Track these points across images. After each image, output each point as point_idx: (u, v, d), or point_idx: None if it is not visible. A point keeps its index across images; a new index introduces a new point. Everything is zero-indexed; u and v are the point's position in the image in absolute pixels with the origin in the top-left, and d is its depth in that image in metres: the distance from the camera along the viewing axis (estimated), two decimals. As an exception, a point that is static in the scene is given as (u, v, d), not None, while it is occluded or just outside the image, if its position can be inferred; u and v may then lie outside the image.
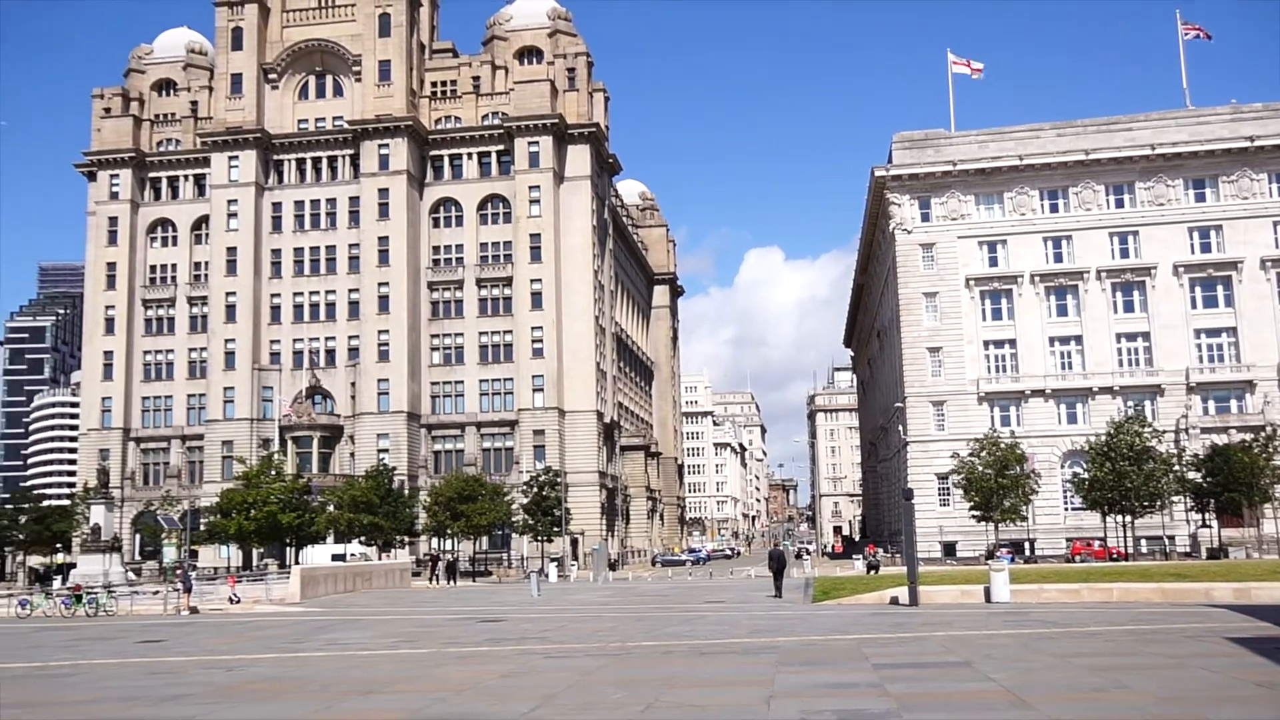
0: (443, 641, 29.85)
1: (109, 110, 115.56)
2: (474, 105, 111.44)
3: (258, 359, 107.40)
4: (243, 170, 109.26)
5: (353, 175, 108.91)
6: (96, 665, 26.30)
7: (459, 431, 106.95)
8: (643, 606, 43.90)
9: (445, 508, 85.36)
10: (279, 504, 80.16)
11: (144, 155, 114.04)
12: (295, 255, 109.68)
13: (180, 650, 29.71)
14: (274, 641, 31.50)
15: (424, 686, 20.28)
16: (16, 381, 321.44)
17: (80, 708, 18.76)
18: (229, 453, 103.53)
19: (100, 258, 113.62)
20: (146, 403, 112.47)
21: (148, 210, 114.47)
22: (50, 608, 48.98)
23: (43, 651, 30.46)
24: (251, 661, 26.20)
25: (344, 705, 18.27)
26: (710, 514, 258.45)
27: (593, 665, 22.76)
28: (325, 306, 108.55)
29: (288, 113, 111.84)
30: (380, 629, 35.42)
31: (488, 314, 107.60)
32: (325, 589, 57.10)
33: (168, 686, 21.30)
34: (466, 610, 44.29)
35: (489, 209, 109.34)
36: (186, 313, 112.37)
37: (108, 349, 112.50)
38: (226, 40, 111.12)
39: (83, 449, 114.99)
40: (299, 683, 21.57)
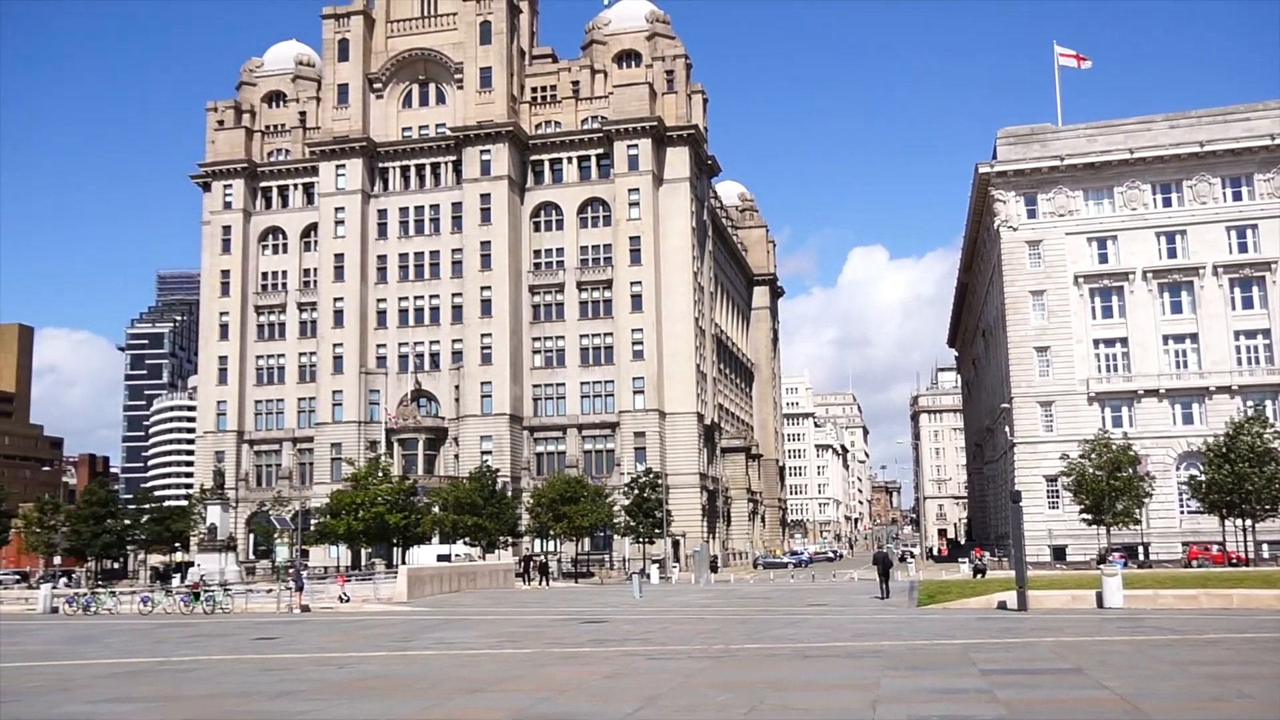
0: (546, 642, 30.14)
1: (222, 123, 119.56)
2: (573, 109, 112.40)
3: (365, 363, 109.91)
4: (349, 178, 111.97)
5: (455, 181, 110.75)
6: (215, 661, 27.20)
7: (560, 433, 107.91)
8: (745, 609, 43.72)
9: (548, 509, 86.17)
10: (386, 505, 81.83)
11: (255, 165, 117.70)
12: (400, 261, 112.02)
13: (293, 647, 30.54)
14: (383, 640, 32.18)
15: (529, 686, 20.50)
16: (137, 386, 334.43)
17: (202, 702, 19.41)
18: (338, 455, 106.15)
19: (215, 266, 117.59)
20: (259, 406, 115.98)
21: (259, 219, 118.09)
22: (170, 605, 50.84)
23: (165, 647, 31.63)
24: (361, 659, 26.81)
25: (451, 703, 18.57)
26: (812, 516, 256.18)
27: (696, 667, 22.74)
28: (429, 311, 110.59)
29: (392, 121, 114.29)
30: (485, 629, 35.92)
31: (588, 317, 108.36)
32: (431, 589, 58.13)
33: (282, 683, 21.93)
34: (569, 611, 44.65)
35: (589, 212, 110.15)
36: (296, 318, 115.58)
37: (222, 354, 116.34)
38: (333, 52, 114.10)
39: (199, 451, 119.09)
40: (408, 681, 22.00)
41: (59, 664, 27.53)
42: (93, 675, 24.41)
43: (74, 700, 20.03)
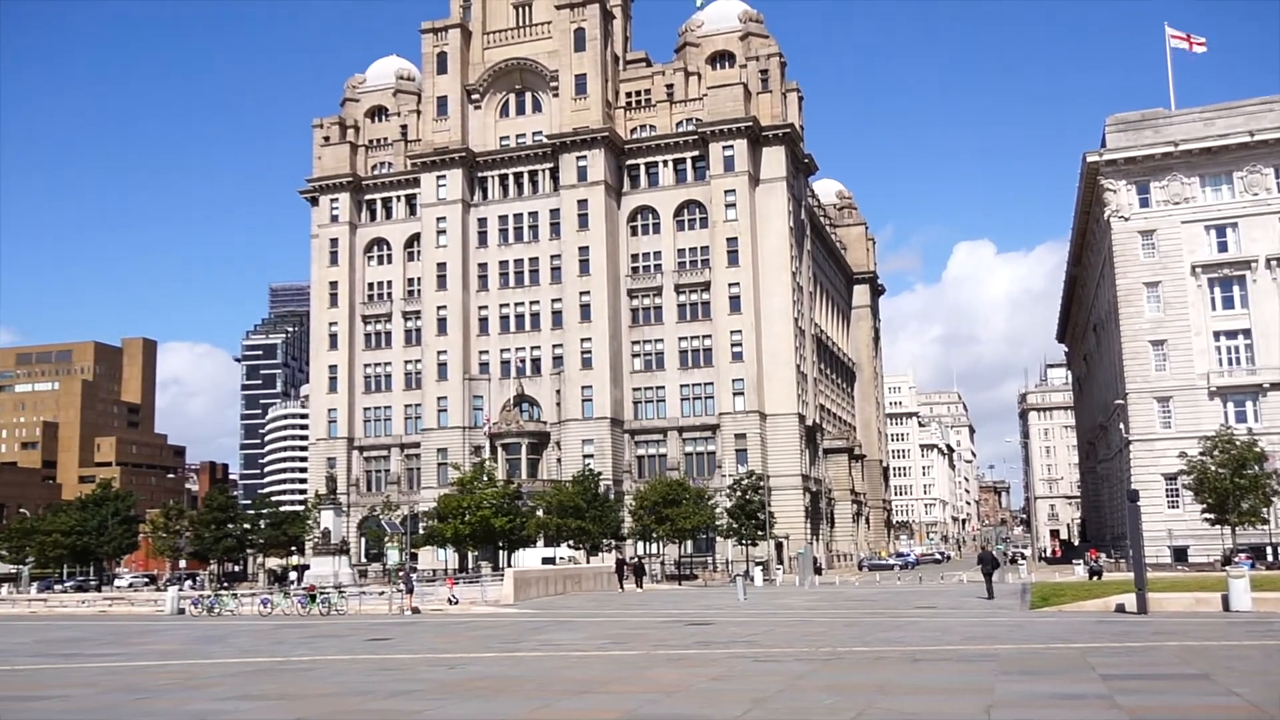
0: (652, 644, 30.24)
1: (328, 139, 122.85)
2: (668, 112, 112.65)
3: (468, 369, 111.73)
4: (450, 188, 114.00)
5: (553, 188, 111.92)
6: (331, 660, 27.96)
7: (661, 436, 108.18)
8: (851, 611, 43.24)
9: (650, 512, 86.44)
10: (491, 509, 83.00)
11: (360, 179, 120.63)
12: (500, 268, 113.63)
13: (406, 648, 31.21)
14: (491, 641, 32.67)
15: (636, 687, 20.61)
16: (253, 395, 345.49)
17: (321, 701, 19.97)
18: (443, 460, 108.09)
19: (323, 278, 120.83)
20: (367, 413, 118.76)
21: (364, 231, 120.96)
22: (288, 606, 52.38)
23: (284, 647, 32.61)
24: (471, 660, 27.27)
25: (560, 704, 18.78)
26: (918, 517, 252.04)
27: (803, 670, 22.59)
28: (530, 317, 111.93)
29: (490, 131, 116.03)
30: (591, 630, 36.19)
31: (686, 319, 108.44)
32: (537, 591, 58.79)
33: (396, 682, 22.43)
34: (673, 613, 44.71)
35: (685, 215, 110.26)
36: (401, 327, 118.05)
37: (332, 363, 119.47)
38: (432, 65, 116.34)
39: (312, 458, 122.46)
40: (516, 681, 22.31)
41: (187, 663, 28.59)
42: (218, 674, 25.30)
43: (201, 698, 20.79)
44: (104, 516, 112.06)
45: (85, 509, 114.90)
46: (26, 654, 33.42)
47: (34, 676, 26.31)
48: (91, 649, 34.32)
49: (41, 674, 26.94)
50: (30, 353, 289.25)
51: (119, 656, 31.39)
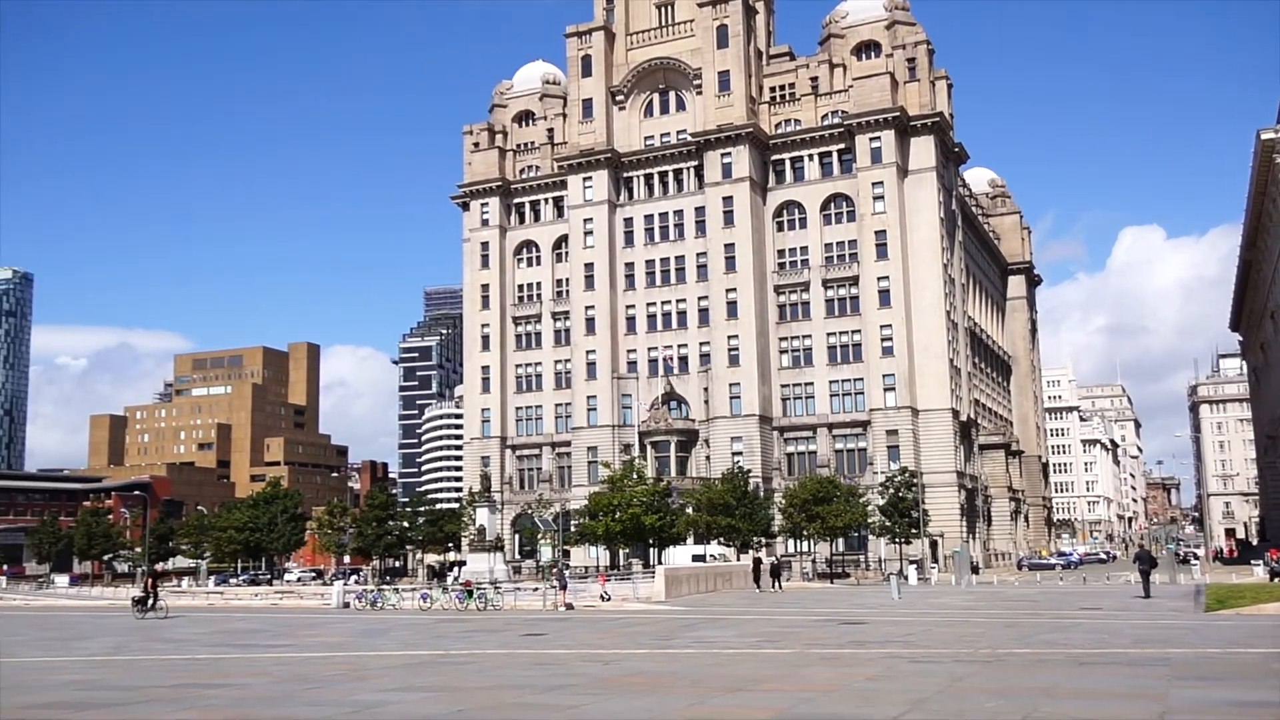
0: (805, 643, 29.98)
1: (477, 145, 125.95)
2: (813, 106, 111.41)
3: (616, 368, 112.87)
4: (596, 190, 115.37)
5: (698, 186, 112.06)
6: (489, 655, 28.64)
7: (810, 433, 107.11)
8: (1011, 612, 41.96)
9: (800, 509, 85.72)
10: (641, 506, 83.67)
11: (509, 183, 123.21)
12: (647, 267, 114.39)
13: (561, 643, 31.73)
14: (644, 638, 32.93)
15: (790, 686, 20.46)
16: (410, 396, 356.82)
17: (481, 693, 20.48)
18: (593, 458, 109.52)
19: (475, 280, 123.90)
20: (519, 412, 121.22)
21: (514, 234, 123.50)
22: (446, 601, 53.92)
23: (444, 641, 33.59)
24: (625, 656, 27.53)
25: (714, 701, 18.79)
26: (1080, 515, 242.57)
27: (962, 671, 22.04)
28: (677, 315, 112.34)
29: (635, 131, 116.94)
30: (742, 628, 36.11)
31: (835, 314, 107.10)
32: (687, 589, 58.98)
33: (552, 677, 22.83)
34: (826, 612, 44.23)
35: (832, 209, 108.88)
36: (551, 327, 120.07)
37: (485, 364, 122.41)
38: (577, 69, 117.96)
39: (467, 456, 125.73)
40: (671, 678, 22.41)
41: (353, 654, 29.72)
42: (382, 666, 26.23)
43: (367, 689, 21.59)
44: (274, 514, 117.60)
45: (256, 507, 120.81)
46: (207, 644, 35.33)
47: (214, 666, 27.78)
48: (265, 640, 36.03)
49: (220, 663, 28.43)
50: (205, 358, 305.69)
51: (290, 648, 32.86)
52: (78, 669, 27.71)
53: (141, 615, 48.60)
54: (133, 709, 19.18)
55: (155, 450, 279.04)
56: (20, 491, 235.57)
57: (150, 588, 51.08)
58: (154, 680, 24.22)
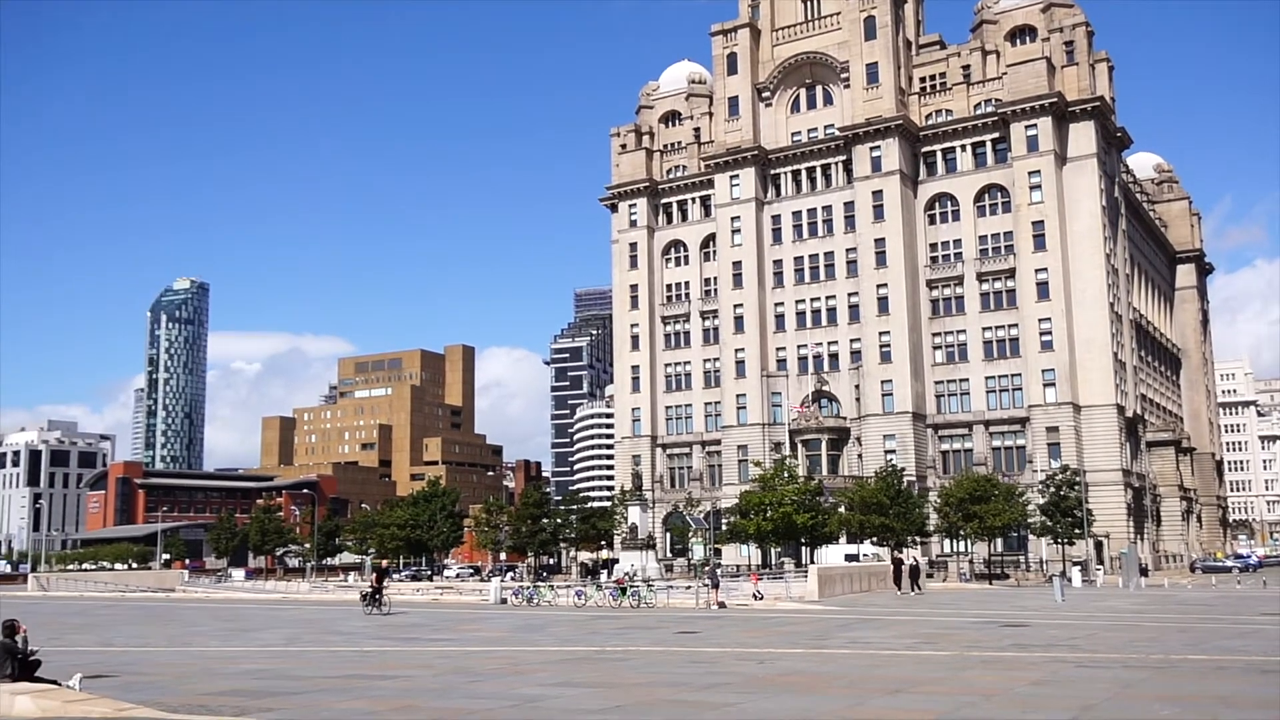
0: (965, 645, 29.26)
1: (625, 146, 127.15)
2: (965, 95, 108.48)
3: (765, 366, 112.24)
4: (743, 187, 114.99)
5: (846, 181, 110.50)
6: (644, 651, 28.91)
7: (966, 430, 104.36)
8: (1183, 616, 40.05)
9: (956, 508, 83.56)
10: (793, 505, 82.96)
11: (656, 184, 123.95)
12: (795, 264, 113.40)
13: (714, 642, 31.78)
14: (798, 637, 32.70)
15: (950, 689, 20.02)
16: (561, 397, 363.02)
17: (637, 689, 20.72)
18: (743, 456, 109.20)
19: (624, 281, 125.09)
20: (669, 411, 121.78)
21: (661, 234, 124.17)
22: (600, 598, 54.58)
23: (599, 637, 34.06)
24: (780, 655, 27.40)
25: (873, 702, 18.53)
26: (1258, 515, 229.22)
27: (1132, 677, 21.16)
28: (826, 312, 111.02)
29: (781, 127, 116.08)
30: (899, 629, 35.48)
31: (990, 308, 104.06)
32: (841, 588, 58.29)
33: (707, 675, 22.90)
34: (985, 614, 43.06)
35: (986, 200, 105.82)
36: (700, 326, 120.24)
37: (634, 364, 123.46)
38: (722, 66, 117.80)
39: (618, 455, 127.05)
40: (827, 678, 22.20)
41: (511, 649, 30.44)
42: (540, 661, 26.78)
43: (527, 682, 22.08)
44: (433, 512, 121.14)
45: (417, 505, 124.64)
46: (372, 636, 36.71)
47: (380, 658, 28.86)
48: (427, 634, 37.21)
49: (385, 655, 29.51)
50: (366, 361, 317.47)
51: (451, 642, 33.88)
52: (255, 659, 29.20)
53: (370, 611, 48.29)
54: (306, 697, 20.10)
55: (322, 450, 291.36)
56: (200, 490, 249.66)
57: (377, 584, 50.47)
58: (324, 671, 25.34)
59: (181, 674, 25.23)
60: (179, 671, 25.87)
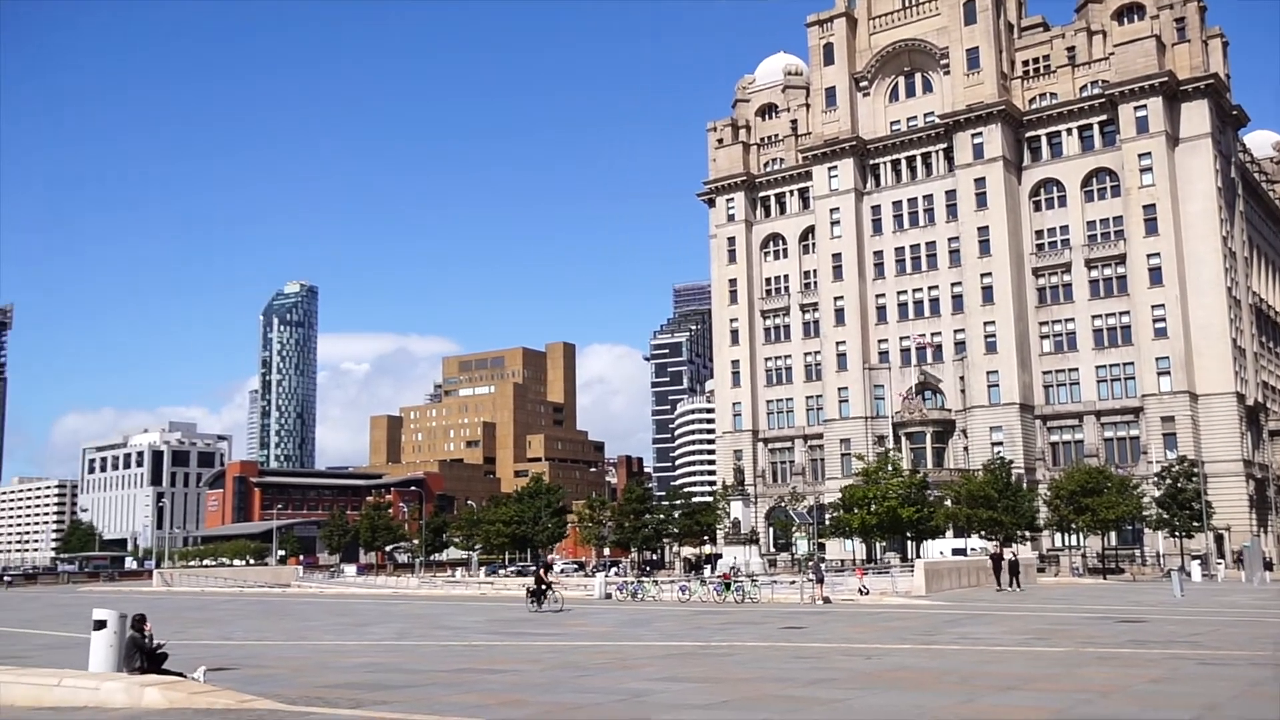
0: (1079, 641, 28.54)
1: (721, 141, 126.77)
2: (1070, 77, 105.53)
3: (867, 359, 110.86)
4: (842, 179, 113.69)
5: (947, 169, 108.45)
6: (749, 647, 28.85)
7: (1076, 421, 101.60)
8: (1315, 613, 38.42)
9: (1067, 501, 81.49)
10: (898, 499, 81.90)
11: (753, 177, 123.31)
12: (896, 255, 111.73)
13: (820, 637, 31.56)
14: (906, 633, 32.27)
15: (1065, 686, 19.56)
16: (662, 392, 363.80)
17: (744, 685, 20.70)
18: (846, 450, 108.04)
19: (722, 276, 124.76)
20: (770, 405, 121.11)
21: (760, 228, 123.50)
22: (704, 593, 54.58)
23: (703, 632, 34.09)
24: (887, 651, 27.09)
25: (985, 699, 18.20)
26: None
27: (1259, 676, 20.40)
28: (929, 302, 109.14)
29: (880, 117, 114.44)
30: (1009, 624, 34.77)
31: (1100, 296, 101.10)
32: (948, 583, 57.34)
33: (813, 670, 22.75)
34: (1100, 609, 41.93)
35: (1094, 184, 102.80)
36: (800, 319, 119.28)
37: (734, 358, 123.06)
38: (819, 57, 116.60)
39: (719, 450, 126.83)
40: (936, 674, 21.87)
41: (617, 644, 30.66)
42: (646, 656, 26.93)
43: (633, 677, 22.22)
44: (537, 508, 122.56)
45: (521, 501, 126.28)
46: (481, 631, 37.37)
47: (489, 652, 29.36)
48: (534, 629, 37.69)
49: (494, 650, 30.00)
50: (469, 360, 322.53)
51: (558, 636, 34.26)
52: (367, 652, 29.96)
53: (536, 608, 46.16)
54: (418, 690, 20.56)
55: (428, 448, 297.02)
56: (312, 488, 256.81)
57: (542, 580, 48.37)
58: (435, 665, 25.87)
59: (298, 667, 26.02)
60: (296, 665, 26.69)
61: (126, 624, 20.81)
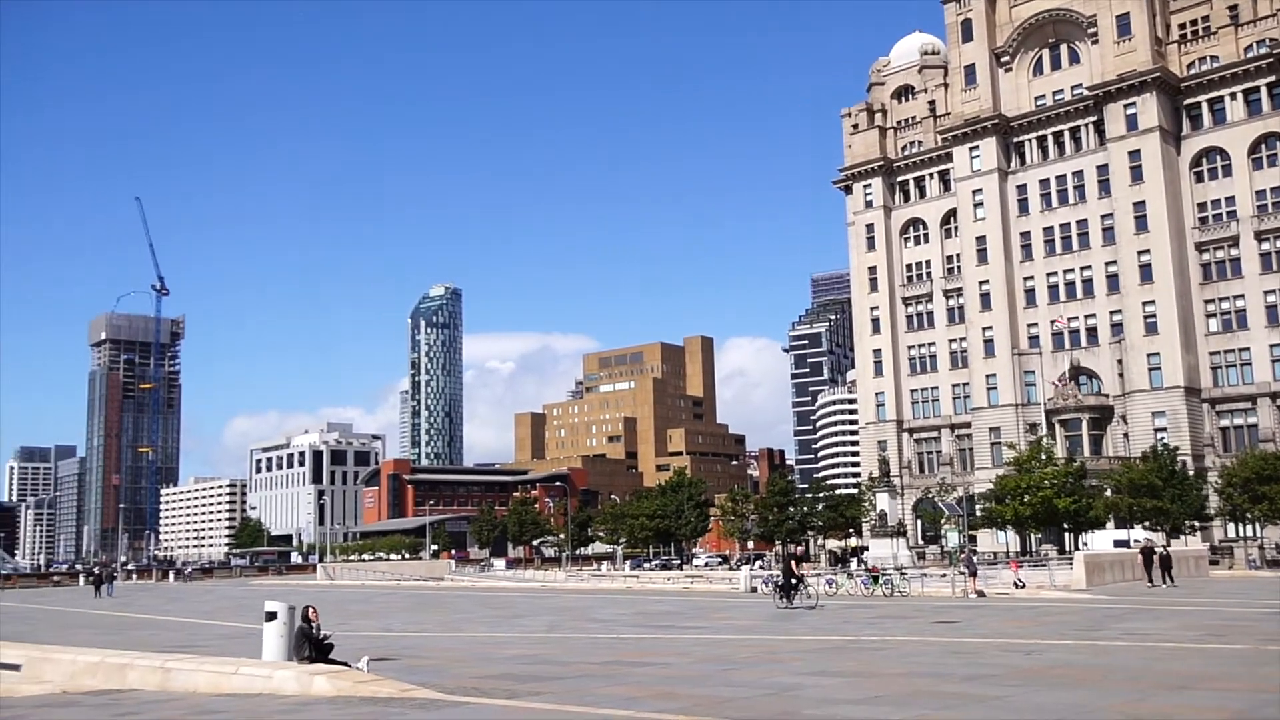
0: (1259, 638, 26.87)
1: (856, 126, 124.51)
2: (1232, 38, 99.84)
3: (1016, 344, 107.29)
4: (984, 159, 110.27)
5: (1098, 143, 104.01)
6: (900, 641, 28.12)
7: (1249, 404, 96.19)
8: None
9: (1241, 489, 77.19)
10: (1053, 489, 78.97)
11: (891, 162, 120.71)
12: (1044, 235, 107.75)
13: (974, 632, 30.57)
14: (1066, 628, 30.98)
15: (1245, 685, 18.39)
16: (802, 384, 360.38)
17: (896, 680, 20.12)
18: (996, 439, 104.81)
19: (861, 264, 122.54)
20: (914, 394, 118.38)
21: (899, 213, 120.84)
22: (852, 587, 53.62)
23: (852, 626, 33.43)
24: (1047, 646, 26.02)
25: (1156, 699, 17.23)
26: None
27: None
28: (1081, 283, 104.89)
29: (1023, 92, 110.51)
30: (1180, 620, 33.03)
31: (1273, 269, 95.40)
32: (1110, 576, 55.00)
33: (969, 666, 21.99)
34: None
35: (1263, 151, 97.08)
36: (943, 305, 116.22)
37: (875, 347, 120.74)
38: (956, 35, 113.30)
39: (863, 441, 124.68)
40: (1102, 671, 20.86)
41: (764, 638, 30.31)
42: (794, 650, 26.52)
43: (782, 671, 21.88)
44: (680, 502, 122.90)
45: (664, 495, 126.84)
46: (629, 624, 37.49)
47: (637, 645, 29.39)
48: (680, 622, 37.62)
49: (642, 643, 30.02)
50: (609, 357, 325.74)
51: (704, 630, 34.10)
52: (519, 644, 30.37)
53: (786, 605, 41.33)
54: (570, 682, 20.68)
55: (571, 444, 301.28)
56: (461, 484, 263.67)
57: (791, 572, 42.47)
58: (586, 657, 26.02)
59: (455, 658, 26.55)
60: (452, 656, 27.25)
61: (295, 616, 21.75)
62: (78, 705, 18.79)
